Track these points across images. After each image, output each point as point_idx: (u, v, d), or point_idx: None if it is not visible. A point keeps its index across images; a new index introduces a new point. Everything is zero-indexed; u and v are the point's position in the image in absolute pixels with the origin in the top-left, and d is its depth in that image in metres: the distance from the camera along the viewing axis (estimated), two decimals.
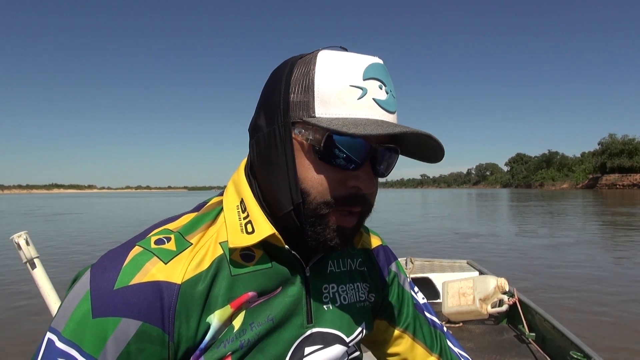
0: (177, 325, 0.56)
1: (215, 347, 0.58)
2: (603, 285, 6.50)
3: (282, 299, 0.64)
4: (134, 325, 0.54)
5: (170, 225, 0.63)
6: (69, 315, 0.55)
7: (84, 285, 0.56)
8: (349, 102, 0.58)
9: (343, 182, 0.60)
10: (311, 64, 0.60)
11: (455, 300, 3.20)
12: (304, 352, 0.65)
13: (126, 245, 0.60)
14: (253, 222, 0.62)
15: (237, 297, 0.60)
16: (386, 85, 0.61)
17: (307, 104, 0.59)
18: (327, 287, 0.71)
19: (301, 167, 0.60)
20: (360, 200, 0.61)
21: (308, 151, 0.59)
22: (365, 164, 0.60)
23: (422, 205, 35.59)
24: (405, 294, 0.85)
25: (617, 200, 39.29)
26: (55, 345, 0.54)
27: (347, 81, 0.59)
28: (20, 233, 1.25)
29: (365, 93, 0.59)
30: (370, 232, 0.87)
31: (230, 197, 0.67)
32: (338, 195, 0.59)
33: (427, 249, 9.95)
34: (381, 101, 0.59)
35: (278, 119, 0.61)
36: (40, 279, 1.25)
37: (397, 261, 0.87)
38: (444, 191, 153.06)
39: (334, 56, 0.60)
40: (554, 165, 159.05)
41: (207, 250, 0.61)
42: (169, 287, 0.56)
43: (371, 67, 0.61)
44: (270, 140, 0.62)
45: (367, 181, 0.60)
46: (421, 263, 4.32)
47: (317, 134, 0.58)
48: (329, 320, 0.69)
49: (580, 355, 2.26)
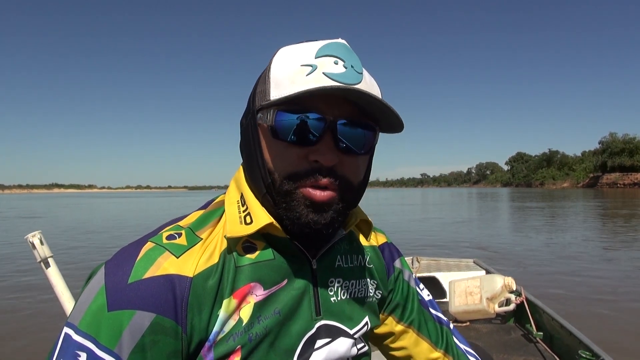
0: (189, 318, 0.57)
1: (225, 340, 0.59)
2: (613, 283, 6.50)
3: (289, 292, 0.65)
4: (148, 318, 0.55)
5: (181, 222, 0.65)
6: (85, 309, 0.56)
7: (99, 281, 0.58)
8: (298, 80, 0.59)
9: (304, 157, 0.61)
10: (272, 57, 0.65)
11: (462, 300, 3.20)
12: (315, 345, 0.66)
13: (139, 241, 0.62)
14: (252, 214, 0.64)
15: (239, 287, 0.61)
16: (345, 61, 0.61)
17: (264, 91, 0.63)
18: (334, 281, 0.72)
19: (265, 150, 0.63)
20: (325, 173, 0.60)
21: (268, 133, 0.62)
22: (325, 138, 0.60)
23: (423, 206, 35.44)
24: (410, 290, 0.86)
25: (620, 199, 39.19)
26: (73, 338, 0.55)
27: (298, 62, 0.61)
28: (35, 233, 1.25)
29: (314, 69, 0.59)
30: (376, 230, 0.87)
31: (231, 193, 0.69)
32: (300, 169, 0.61)
33: (432, 248, 9.94)
34: (334, 74, 0.59)
35: (249, 112, 0.67)
36: (54, 277, 1.25)
37: (401, 257, 0.88)
38: (445, 190, 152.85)
39: (292, 47, 0.64)
40: (554, 164, 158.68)
41: (216, 245, 0.63)
42: (181, 280, 0.57)
43: (326, 46, 0.62)
44: (246, 133, 0.67)
45: (327, 153, 0.60)
46: (427, 262, 4.32)
47: (269, 115, 0.61)
48: (335, 313, 0.70)
49: (589, 354, 2.24)
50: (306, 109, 0.59)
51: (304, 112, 0.59)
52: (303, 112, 0.59)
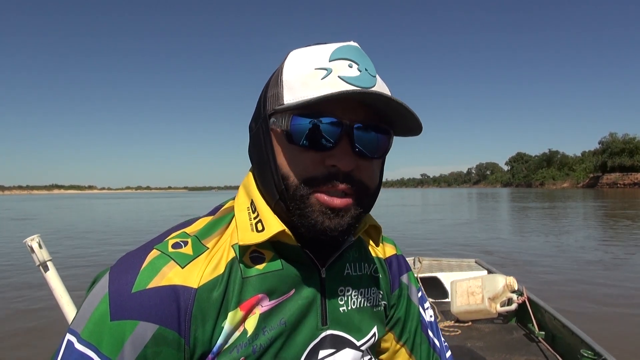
0: (193, 330, 0.56)
1: (228, 351, 0.58)
2: (614, 283, 6.50)
3: (296, 302, 0.64)
4: (151, 329, 0.54)
5: (187, 229, 0.64)
6: (87, 316, 0.55)
7: (102, 288, 0.57)
8: (313, 84, 0.58)
9: (321, 162, 0.59)
10: (283, 60, 0.64)
11: (464, 300, 3.20)
12: (318, 356, 0.64)
13: (144, 248, 0.61)
14: (263, 221, 0.62)
15: (246, 299, 0.60)
16: (359, 64, 0.60)
17: (277, 95, 0.62)
18: (344, 290, 0.70)
19: (279, 155, 0.62)
20: (342, 178, 0.59)
21: (282, 138, 0.61)
22: (342, 143, 0.59)
23: (423, 206, 35.43)
24: (412, 308, 0.82)
25: (620, 199, 39.17)
26: (74, 346, 0.55)
27: (312, 65, 0.60)
28: (33, 236, 1.23)
29: (329, 72, 0.59)
30: (385, 241, 0.85)
31: (241, 200, 0.67)
32: (316, 174, 0.59)
33: (433, 249, 9.94)
34: (349, 78, 0.58)
35: (260, 116, 0.65)
36: (53, 281, 1.24)
37: (409, 272, 0.85)
38: (445, 190, 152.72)
39: (304, 49, 0.63)
40: (554, 164, 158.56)
41: (222, 255, 0.62)
42: (186, 292, 0.56)
43: (339, 49, 0.61)
44: (256, 137, 0.66)
45: (345, 158, 0.59)
46: (429, 262, 4.33)
47: (284, 120, 0.60)
48: (343, 323, 0.68)
49: (591, 353, 2.25)
50: (321, 112, 0.58)
51: (320, 116, 0.58)
52: (319, 116, 0.58)
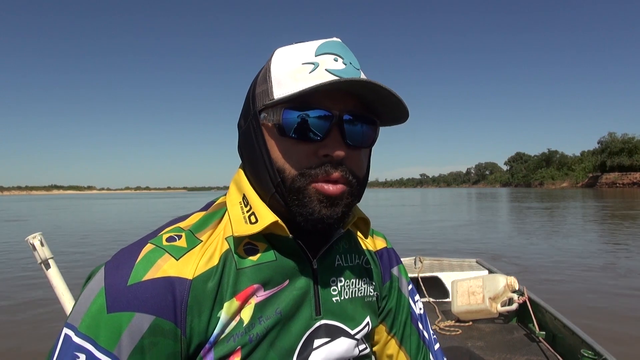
0: (189, 320, 0.57)
1: (225, 341, 0.59)
2: (615, 283, 6.50)
3: (290, 292, 0.65)
4: (148, 320, 0.55)
5: (181, 224, 0.65)
6: (84, 311, 0.56)
7: (98, 282, 0.58)
8: (301, 78, 0.61)
9: (314, 153, 0.62)
10: (269, 58, 0.66)
11: (465, 299, 3.21)
12: (313, 345, 0.66)
13: (139, 243, 0.62)
14: (256, 213, 0.64)
15: (242, 290, 0.61)
16: (343, 58, 0.63)
17: (266, 91, 0.64)
18: (335, 280, 0.72)
19: (273, 149, 0.63)
20: (335, 167, 0.61)
21: (274, 132, 0.63)
22: (333, 133, 0.61)
23: (423, 207, 35.42)
24: (402, 301, 0.84)
25: (620, 199, 39.19)
26: (72, 340, 0.56)
27: (299, 60, 0.62)
28: (35, 234, 1.24)
29: (317, 66, 0.61)
30: (375, 234, 0.86)
31: (232, 195, 0.69)
32: (311, 165, 0.61)
33: (433, 248, 9.94)
34: (336, 70, 0.61)
35: (249, 113, 0.67)
36: (55, 279, 1.25)
37: (400, 265, 0.86)
38: (444, 190, 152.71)
39: (289, 47, 0.65)
40: (553, 164, 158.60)
41: (216, 247, 0.63)
42: (181, 283, 0.58)
43: (324, 45, 0.64)
44: (247, 134, 0.67)
45: (337, 147, 0.61)
46: (430, 262, 4.32)
47: (275, 114, 0.62)
48: (337, 312, 0.70)
49: (592, 353, 2.25)
50: (311, 105, 0.60)
51: (310, 108, 0.60)
52: (309, 108, 0.60)
